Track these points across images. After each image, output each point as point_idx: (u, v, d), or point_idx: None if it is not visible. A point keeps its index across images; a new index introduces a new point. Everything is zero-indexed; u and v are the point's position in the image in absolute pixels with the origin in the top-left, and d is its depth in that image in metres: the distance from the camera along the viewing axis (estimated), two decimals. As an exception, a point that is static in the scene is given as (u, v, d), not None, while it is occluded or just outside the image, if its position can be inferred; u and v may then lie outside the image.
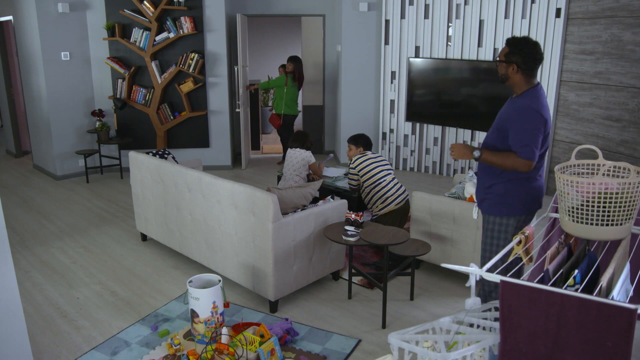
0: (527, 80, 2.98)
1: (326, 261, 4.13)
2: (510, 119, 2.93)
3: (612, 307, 1.58)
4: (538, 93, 2.96)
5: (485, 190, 3.12)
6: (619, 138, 5.78)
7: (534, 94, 2.95)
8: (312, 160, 5.32)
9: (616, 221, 2.09)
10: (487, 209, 3.13)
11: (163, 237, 4.73)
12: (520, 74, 2.96)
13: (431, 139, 7.53)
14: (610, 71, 5.78)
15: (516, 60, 2.93)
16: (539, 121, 2.87)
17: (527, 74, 2.96)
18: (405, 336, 1.96)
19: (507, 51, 2.98)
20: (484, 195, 3.13)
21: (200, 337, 3.36)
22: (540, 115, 2.87)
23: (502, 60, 3.01)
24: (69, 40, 7.04)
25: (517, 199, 3.01)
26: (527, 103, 2.90)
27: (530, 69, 2.95)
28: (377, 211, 4.78)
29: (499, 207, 3.05)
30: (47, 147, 7.31)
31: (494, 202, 3.07)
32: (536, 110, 2.87)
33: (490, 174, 3.07)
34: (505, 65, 3.00)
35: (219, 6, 7.22)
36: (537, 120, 2.87)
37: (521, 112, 2.89)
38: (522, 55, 2.93)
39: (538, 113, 2.87)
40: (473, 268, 1.98)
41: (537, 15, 6.36)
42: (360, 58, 7.66)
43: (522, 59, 2.93)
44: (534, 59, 2.94)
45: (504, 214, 3.04)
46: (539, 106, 2.89)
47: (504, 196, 3.03)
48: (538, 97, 2.94)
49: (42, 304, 3.96)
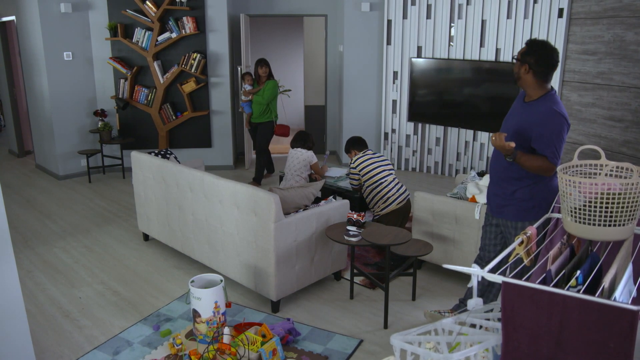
0: (539, 84, 2.96)
1: (328, 261, 4.13)
2: (537, 123, 2.90)
3: (614, 308, 1.58)
4: (557, 98, 2.96)
5: (508, 197, 3.07)
6: (622, 138, 5.77)
7: (553, 99, 2.94)
8: (314, 161, 5.31)
9: (619, 222, 2.08)
10: (513, 215, 3.08)
11: (165, 237, 4.74)
12: (532, 75, 2.94)
13: (433, 139, 7.52)
14: (613, 71, 5.77)
15: (529, 61, 2.92)
16: (565, 126, 2.89)
17: (539, 77, 2.94)
18: (407, 337, 1.96)
19: (524, 50, 2.97)
20: (508, 202, 3.08)
21: (202, 337, 3.36)
22: (566, 120, 2.89)
23: (517, 58, 3.00)
24: (71, 40, 7.05)
25: (543, 201, 2.98)
26: (552, 108, 2.89)
27: (542, 72, 2.93)
28: (378, 211, 4.77)
29: (524, 212, 3.02)
30: (50, 147, 7.32)
31: (520, 208, 3.04)
32: (562, 115, 2.88)
33: (511, 180, 3.04)
34: (519, 64, 2.99)
35: (221, 6, 7.23)
36: (563, 125, 2.88)
37: (549, 116, 2.88)
38: (536, 57, 2.92)
39: (564, 118, 2.88)
40: (475, 269, 1.97)
41: (539, 15, 6.35)
42: (363, 58, 7.66)
43: (535, 61, 2.91)
44: (547, 64, 2.92)
45: (532, 218, 3.00)
46: (562, 110, 2.90)
47: (530, 200, 3.00)
48: (558, 102, 2.93)
49: (44, 304, 3.97)
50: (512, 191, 3.04)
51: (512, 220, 3.10)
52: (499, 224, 3.24)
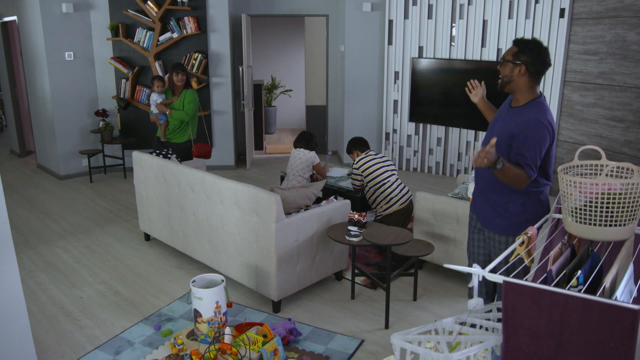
0: (532, 87, 2.72)
1: (329, 261, 4.13)
2: (521, 130, 2.66)
3: (615, 307, 1.58)
4: (545, 105, 2.73)
5: (500, 208, 2.82)
6: (623, 138, 5.77)
7: (542, 106, 2.71)
8: (317, 161, 5.32)
9: (619, 222, 2.08)
10: (504, 229, 2.82)
11: (166, 236, 4.74)
12: (527, 77, 2.68)
13: (434, 139, 7.52)
14: (615, 71, 5.76)
15: (525, 61, 2.65)
16: (549, 137, 2.65)
17: (534, 78, 2.70)
18: (407, 337, 1.96)
19: (515, 51, 2.69)
20: (499, 214, 2.83)
21: (203, 337, 3.36)
22: (550, 132, 2.66)
23: (508, 60, 2.71)
24: (72, 40, 7.06)
25: (535, 214, 2.76)
26: (539, 117, 2.65)
27: (538, 72, 2.69)
28: (381, 211, 4.77)
29: (517, 227, 2.74)
30: (51, 146, 7.33)
31: (513, 221, 2.78)
32: (547, 127, 2.64)
33: (505, 190, 2.78)
34: (511, 65, 2.70)
35: (223, 6, 7.23)
36: (546, 137, 2.64)
37: (534, 125, 2.64)
38: (532, 56, 2.64)
39: (548, 129, 2.65)
40: (476, 269, 1.97)
41: (541, 16, 6.35)
42: (364, 58, 7.66)
43: (532, 60, 2.64)
44: (544, 63, 2.68)
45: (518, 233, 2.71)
46: (549, 120, 2.66)
47: (522, 215, 2.77)
48: (546, 110, 2.70)
49: (45, 304, 3.97)
50: (506, 202, 2.80)
51: (502, 235, 2.85)
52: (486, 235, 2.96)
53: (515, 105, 2.79)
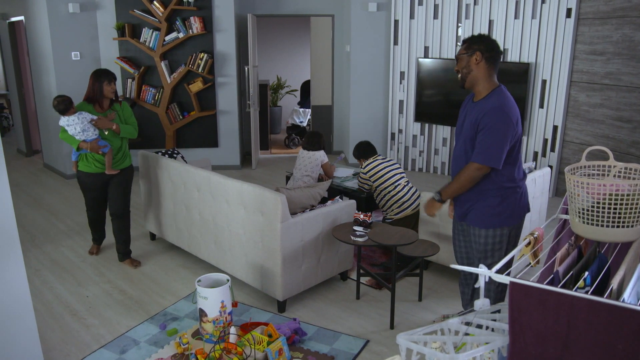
0: (490, 75, 2.78)
1: (334, 261, 4.13)
2: (481, 120, 2.73)
3: (623, 309, 1.57)
4: (505, 94, 2.77)
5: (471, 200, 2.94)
6: (630, 139, 5.73)
7: (501, 94, 2.76)
8: (325, 160, 5.31)
9: (627, 223, 2.07)
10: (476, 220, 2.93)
11: (172, 236, 4.75)
12: (484, 63, 2.75)
13: (440, 140, 7.51)
14: (621, 72, 5.73)
15: (478, 48, 2.75)
16: (508, 124, 2.69)
17: (490, 64, 2.76)
18: (413, 337, 1.96)
19: (465, 45, 2.80)
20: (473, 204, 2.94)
21: (209, 337, 3.37)
22: (509, 117, 2.69)
23: (462, 54, 2.80)
24: (79, 40, 7.09)
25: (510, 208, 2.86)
26: (496, 105, 2.71)
27: (493, 58, 2.76)
28: (392, 215, 4.73)
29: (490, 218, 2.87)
30: (58, 146, 7.36)
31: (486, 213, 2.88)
32: (505, 112, 2.69)
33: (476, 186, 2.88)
34: (466, 57, 2.78)
35: (228, 6, 7.24)
36: (505, 123, 2.68)
37: (490, 114, 2.70)
38: (483, 43, 2.76)
39: (506, 115, 2.69)
40: (482, 269, 1.97)
41: (547, 15, 6.32)
42: (369, 58, 7.66)
43: (484, 46, 2.75)
44: (495, 47, 2.76)
45: (497, 226, 2.88)
46: (509, 107, 2.71)
47: (498, 206, 2.85)
48: (506, 98, 2.74)
49: (51, 302, 3.99)
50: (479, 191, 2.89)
51: (476, 227, 2.95)
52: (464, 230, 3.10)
53: (478, 99, 2.85)
